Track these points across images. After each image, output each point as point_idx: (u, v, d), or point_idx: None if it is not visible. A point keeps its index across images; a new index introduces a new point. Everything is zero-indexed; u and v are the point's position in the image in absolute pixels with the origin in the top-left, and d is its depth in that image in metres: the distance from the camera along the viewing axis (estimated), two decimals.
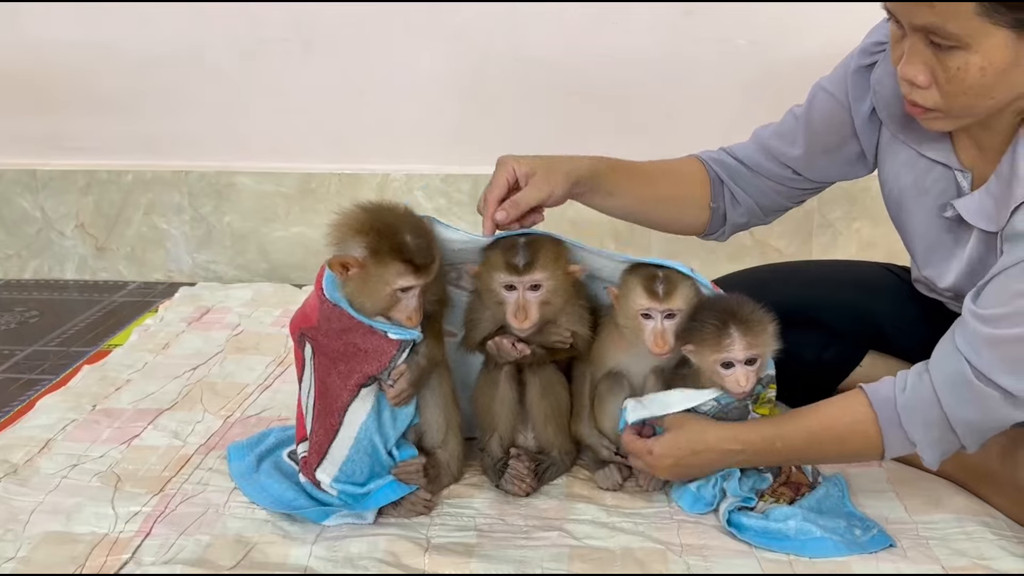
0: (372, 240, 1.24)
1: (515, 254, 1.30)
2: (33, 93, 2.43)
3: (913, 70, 1.15)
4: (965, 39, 1.09)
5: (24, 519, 1.32)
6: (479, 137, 2.36)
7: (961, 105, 1.16)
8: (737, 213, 1.54)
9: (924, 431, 1.21)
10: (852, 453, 1.31)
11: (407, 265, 1.24)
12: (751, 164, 1.52)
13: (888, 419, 1.22)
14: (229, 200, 2.42)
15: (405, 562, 1.23)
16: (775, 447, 1.28)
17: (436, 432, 1.39)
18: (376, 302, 1.26)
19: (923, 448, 1.22)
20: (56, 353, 2.00)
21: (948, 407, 1.18)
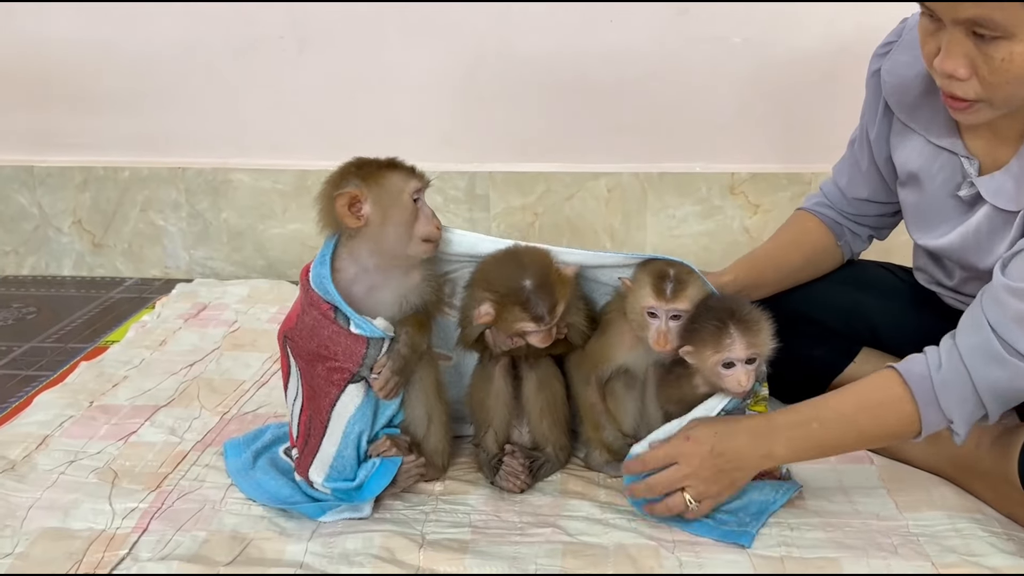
0: (364, 170, 1.29)
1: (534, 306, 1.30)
2: (30, 89, 2.43)
3: (953, 63, 1.15)
4: (1011, 29, 1.09)
5: (21, 515, 1.33)
6: (474, 135, 2.37)
7: (1004, 95, 1.17)
8: (858, 243, 1.64)
9: (960, 407, 1.20)
10: (889, 434, 1.28)
11: (405, 171, 1.31)
12: (842, 207, 1.61)
13: (924, 397, 1.21)
14: (226, 197, 2.43)
15: (400, 558, 1.24)
16: (810, 431, 1.26)
17: (419, 425, 1.41)
18: (402, 222, 1.28)
19: (958, 424, 1.22)
20: (53, 349, 2.01)
21: (977, 378, 1.18)
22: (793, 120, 2.29)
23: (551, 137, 2.36)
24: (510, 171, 2.36)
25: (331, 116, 2.38)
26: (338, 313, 1.29)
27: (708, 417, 1.29)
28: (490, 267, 1.35)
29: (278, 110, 2.39)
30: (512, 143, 2.38)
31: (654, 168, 2.33)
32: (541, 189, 2.36)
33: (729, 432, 1.26)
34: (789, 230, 1.65)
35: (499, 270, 1.33)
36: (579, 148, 2.36)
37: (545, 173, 2.36)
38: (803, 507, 1.34)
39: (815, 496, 1.37)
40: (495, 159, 2.38)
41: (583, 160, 2.36)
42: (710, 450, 1.25)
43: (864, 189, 1.56)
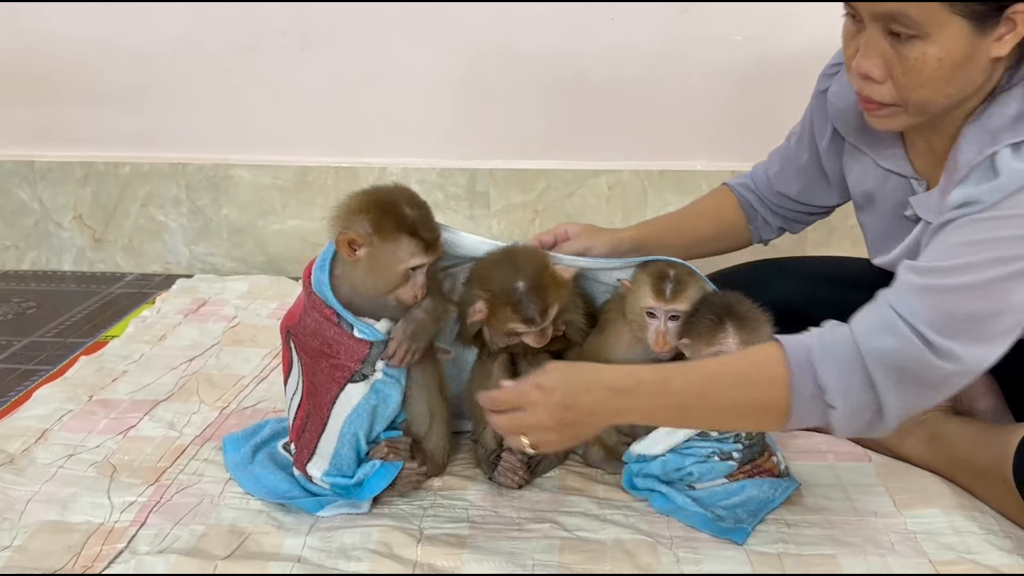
0: (373, 215, 1.25)
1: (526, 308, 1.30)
2: (31, 85, 2.43)
3: (869, 63, 1.17)
4: (925, 27, 1.11)
5: (20, 508, 1.33)
6: (475, 131, 2.37)
7: (917, 99, 1.18)
8: (768, 231, 1.67)
9: (837, 377, 1.10)
10: (755, 400, 1.15)
11: (416, 241, 1.25)
12: (765, 193, 1.63)
13: (799, 359, 1.11)
14: (226, 193, 2.43)
15: (398, 553, 1.24)
16: (671, 387, 1.15)
17: (421, 423, 1.40)
18: (384, 281, 1.27)
19: (833, 396, 1.11)
20: (53, 344, 2.01)
21: (864, 346, 1.10)
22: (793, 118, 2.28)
23: (552, 134, 2.36)
24: (511, 168, 2.36)
25: (332, 113, 2.38)
26: (340, 318, 1.29)
27: (567, 364, 1.23)
28: (486, 266, 1.35)
29: (279, 106, 2.39)
30: (513, 140, 2.38)
31: (655, 165, 2.33)
32: (542, 186, 2.36)
33: (584, 384, 1.14)
34: (704, 202, 1.69)
35: (494, 270, 1.34)
36: (580, 145, 2.36)
37: (546, 170, 2.36)
38: (801, 504, 1.34)
39: (813, 493, 1.37)
40: (496, 156, 2.38)
41: (584, 157, 2.36)
42: (559, 401, 1.13)
43: (793, 186, 1.58)
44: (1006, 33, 1.12)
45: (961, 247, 1.12)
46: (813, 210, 1.62)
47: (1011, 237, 1.10)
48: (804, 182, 1.57)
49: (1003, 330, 1.13)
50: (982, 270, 1.10)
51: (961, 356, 1.11)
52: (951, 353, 1.10)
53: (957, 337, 1.11)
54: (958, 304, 1.11)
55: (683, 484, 1.35)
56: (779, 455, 1.40)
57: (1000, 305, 1.11)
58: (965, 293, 1.11)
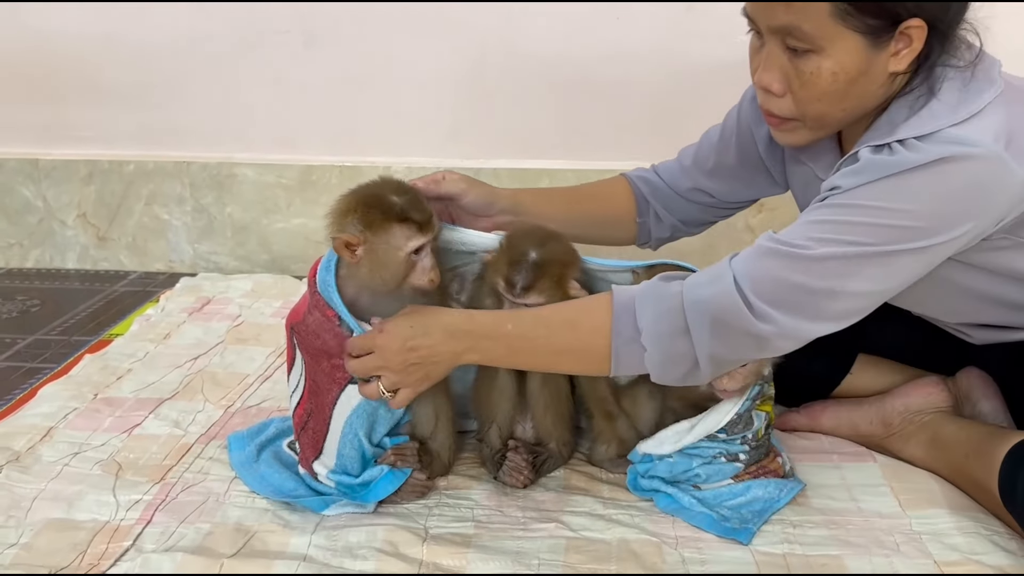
0: (363, 212, 1.25)
1: (518, 271, 1.30)
2: (35, 83, 2.43)
3: (768, 76, 1.19)
4: (819, 41, 1.12)
5: (26, 506, 1.34)
6: (479, 130, 2.37)
7: (814, 113, 1.19)
8: (660, 229, 1.62)
9: (653, 320, 1.17)
10: (578, 343, 1.23)
11: (410, 225, 1.24)
12: (673, 186, 1.59)
13: (622, 304, 1.20)
14: (230, 191, 2.43)
15: (403, 551, 1.24)
16: (504, 330, 1.24)
17: (426, 423, 1.40)
18: (391, 272, 1.26)
19: (647, 338, 1.18)
20: (57, 342, 2.01)
21: (688, 301, 1.16)
22: None
23: (555, 134, 2.36)
24: (515, 167, 2.36)
25: (336, 111, 2.39)
26: (342, 321, 1.29)
27: (413, 308, 1.27)
28: (526, 226, 1.38)
29: (284, 105, 2.39)
30: (517, 140, 2.38)
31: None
32: (545, 185, 2.36)
33: (424, 328, 1.23)
34: (596, 186, 1.66)
35: (533, 230, 1.35)
36: (584, 145, 2.36)
37: (549, 170, 2.36)
38: (806, 504, 1.34)
39: (818, 494, 1.37)
40: (500, 155, 2.38)
41: (588, 157, 2.35)
42: (402, 344, 1.22)
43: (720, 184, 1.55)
44: (903, 49, 1.14)
45: (812, 224, 1.16)
46: (728, 206, 1.59)
47: (858, 223, 1.13)
48: (729, 178, 1.54)
49: (837, 312, 1.17)
50: (822, 246, 1.13)
51: (778, 321, 1.15)
52: (768, 316, 1.14)
53: (779, 305, 1.15)
54: (789, 273, 1.14)
55: (688, 485, 1.35)
56: (784, 456, 1.41)
57: (833, 285, 1.14)
58: (799, 264, 1.14)
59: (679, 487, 1.35)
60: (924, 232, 1.13)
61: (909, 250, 1.13)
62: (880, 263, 1.14)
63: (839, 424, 1.51)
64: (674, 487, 1.35)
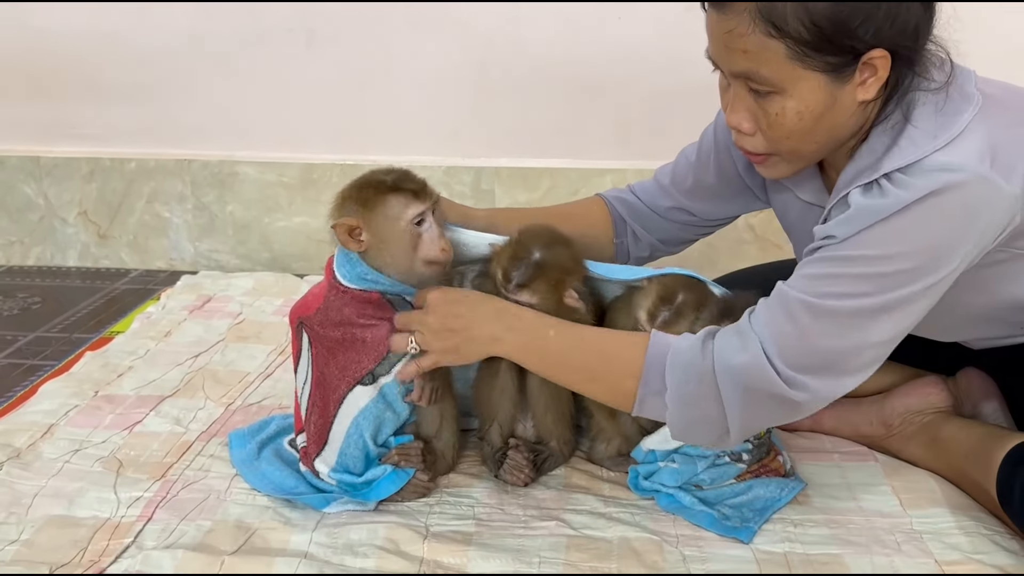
0: (357, 194, 1.26)
1: (517, 267, 1.31)
2: (37, 81, 2.43)
3: (737, 117, 1.19)
4: (780, 84, 1.12)
5: (27, 503, 1.34)
6: (481, 129, 2.38)
7: (787, 149, 1.20)
8: (639, 248, 1.61)
9: (679, 383, 1.17)
10: (608, 377, 1.24)
11: (404, 194, 1.25)
12: (651, 205, 1.58)
13: (655, 354, 1.19)
14: (232, 189, 2.43)
15: (404, 549, 1.24)
16: (546, 333, 1.24)
17: (431, 423, 1.40)
18: (399, 248, 1.26)
19: (672, 400, 1.17)
20: (58, 339, 2.01)
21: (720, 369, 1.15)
22: None
23: (557, 133, 2.36)
24: (516, 167, 2.36)
25: (338, 110, 2.39)
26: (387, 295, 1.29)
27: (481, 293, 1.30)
28: (540, 224, 1.38)
29: (285, 103, 2.39)
30: (518, 138, 2.38)
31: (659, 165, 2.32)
32: (547, 185, 2.36)
33: (476, 300, 1.27)
34: (572, 207, 1.65)
35: (545, 230, 1.36)
36: (585, 144, 2.36)
37: (551, 169, 2.36)
38: (807, 503, 1.35)
39: (819, 493, 1.37)
40: (501, 154, 2.38)
41: (589, 156, 2.36)
42: (449, 307, 1.25)
43: (700, 203, 1.54)
44: (868, 78, 1.13)
45: (819, 279, 1.15)
46: (709, 224, 1.58)
47: (862, 275, 1.13)
48: (710, 197, 1.53)
49: (863, 364, 1.17)
50: (836, 301, 1.13)
51: (810, 386, 1.15)
52: (799, 383, 1.14)
53: (808, 370, 1.14)
54: (812, 338, 1.14)
55: (690, 484, 1.35)
56: (785, 455, 1.41)
57: (856, 342, 1.14)
58: (818, 326, 1.13)
59: (680, 486, 1.35)
60: (928, 269, 1.13)
61: (918, 290, 1.13)
62: (891, 310, 1.13)
63: (839, 424, 1.51)
64: (675, 487, 1.35)
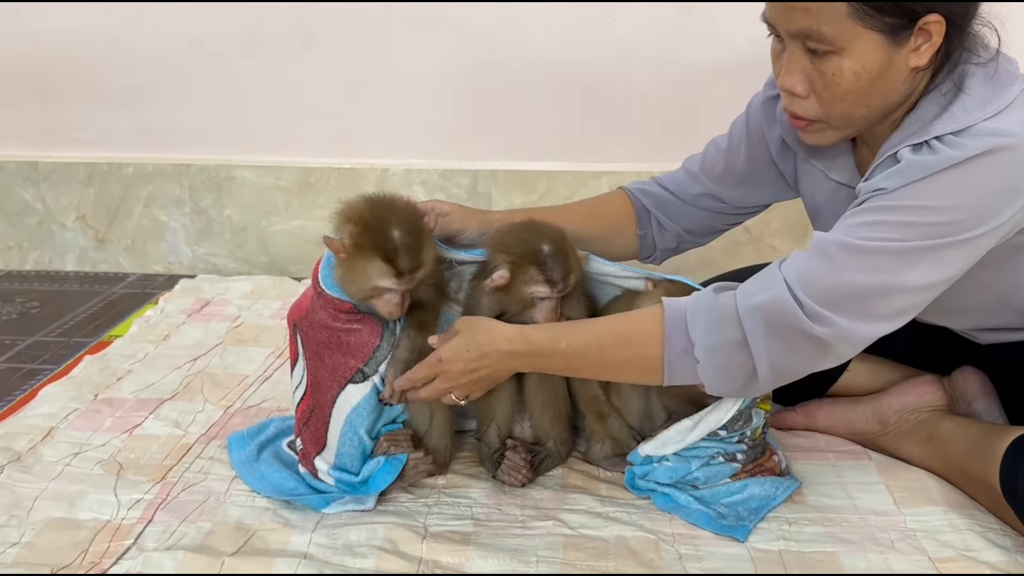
0: (356, 229, 1.25)
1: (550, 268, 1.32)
2: (35, 85, 2.44)
3: (791, 80, 1.20)
4: (839, 43, 1.14)
5: (28, 505, 1.35)
6: (478, 132, 2.39)
7: (839, 113, 1.21)
8: (665, 239, 1.62)
9: (705, 332, 1.18)
10: (633, 357, 1.25)
11: (387, 266, 1.25)
12: (680, 194, 1.59)
13: (674, 315, 1.20)
14: (229, 193, 2.44)
15: (403, 549, 1.25)
16: (559, 347, 1.26)
17: (421, 421, 1.41)
18: (358, 290, 1.28)
19: (699, 351, 1.19)
20: (57, 343, 2.02)
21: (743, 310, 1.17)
22: None
23: (554, 135, 2.37)
24: (513, 169, 2.38)
25: (335, 113, 2.40)
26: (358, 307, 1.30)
27: (466, 325, 1.29)
28: (507, 233, 1.38)
29: (282, 107, 2.40)
30: (515, 141, 2.39)
31: (656, 167, 2.33)
32: (543, 187, 2.37)
33: (480, 349, 1.26)
34: (594, 202, 1.66)
35: (516, 235, 1.36)
36: (581, 147, 2.37)
37: (547, 171, 2.37)
38: (802, 502, 1.36)
39: (814, 492, 1.38)
40: (498, 157, 2.39)
41: (585, 159, 2.37)
42: (464, 368, 1.27)
43: (730, 190, 1.56)
44: (922, 44, 1.15)
45: (857, 226, 1.17)
46: (741, 212, 1.60)
47: (903, 222, 1.15)
48: (740, 184, 1.55)
49: (891, 311, 1.17)
50: (869, 244, 1.15)
51: (835, 323, 1.15)
52: (823, 318, 1.15)
53: (833, 306, 1.15)
54: (840, 273, 1.15)
55: (686, 483, 1.36)
56: (780, 454, 1.42)
57: (884, 282, 1.15)
58: (848, 262, 1.15)
59: (676, 486, 1.36)
60: (968, 224, 1.14)
61: (955, 242, 1.15)
62: (927, 258, 1.15)
63: (835, 423, 1.52)
64: (671, 487, 1.36)
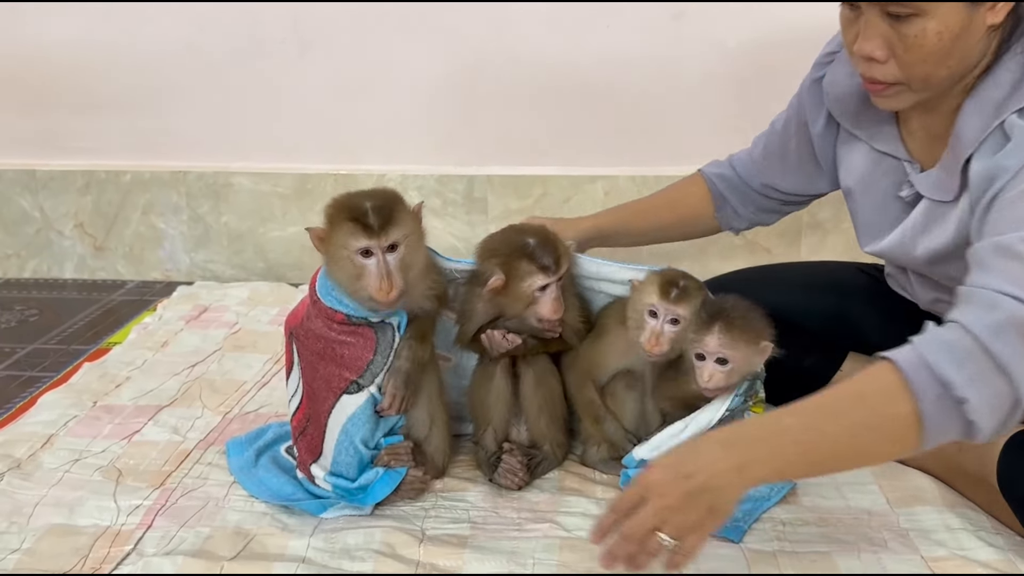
0: (330, 209, 1.28)
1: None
2: (32, 93, 2.45)
3: (870, 45, 1.21)
4: (922, 5, 1.15)
5: (28, 512, 1.36)
6: (473, 138, 2.40)
7: (920, 74, 1.22)
8: (739, 221, 1.71)
9: (957, 367, 1.01)
10: (876, 418, 1.03)
11: (355, 224, 1.23)
12: (747, 179, 1.66)
13: (909, 362, 1.02)
14: (226, 200, 2.45)
15: (400, 553, 1.26)
16: (782, 424, 1.05)
17: (421, 427, 1.42)
18: (344, 273, 1.26)
19: (961, 388, 1.00)
20: (56, 351, 2.03)
21: (983, 335, 1.02)
22: None
23: (548, 141, 2.39)
24: (508, 174, 2.39)
25: (332, 120, 2.41)
26: (351, 317, 1.31)
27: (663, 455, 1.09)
28: (491, 240, 1.43)
29: (279, 114, 2.41)
30: (510, 146, 2.40)
31: (650, 171, 2.35)
32: (538, 192, 2.38)
33: (693, 450, 1.06)
34: (672, 190, 1.75)
35: (500, 239, 1.42)
36: (576, 151, 2.39)
37: (542, 176, 2.38)
38: (797, 503, 1.37)
39: (808, 493, 1.39)
40: (493, 162, 2.40)
41: (580, 163, 2.38)
42: (675, 474, 1.02)
43: (779, 175, 1.61)
44: (999, 1, 1.17)
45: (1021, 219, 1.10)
46: (794, 199, 1.65)
47: None
48: (791, 170, 1.59)
49: None
50: None
51: None
52: None
53: None
54: None
55: None
56: None
57: None
58: None
59: None
60: None
61: None
62: None
63: None
64: None
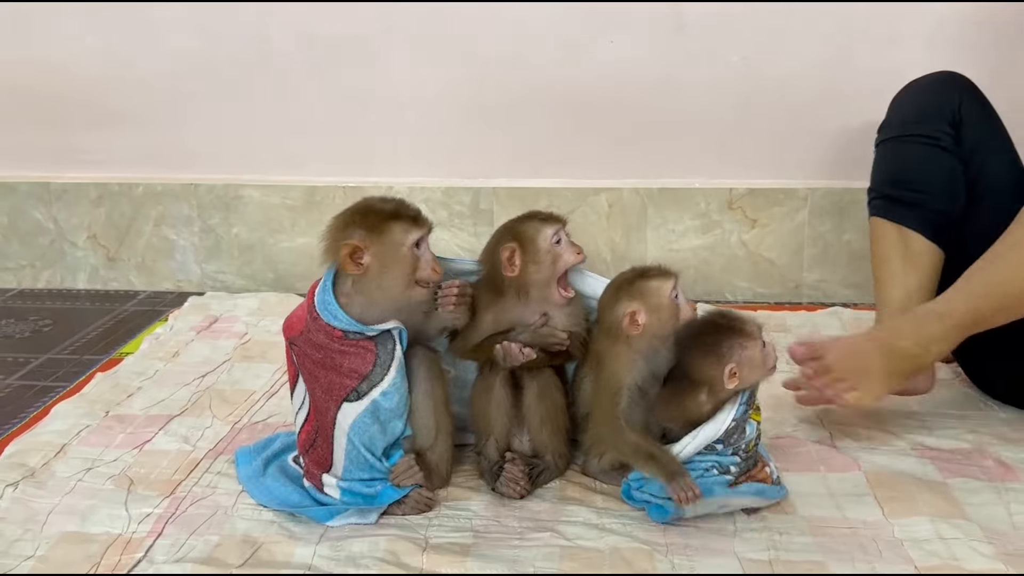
0: (361, 219, 1.34)
1: None
2: (47, 107, 2.49)
3: None
4: None
5: (42, 520, 1.38)
6: (479, 150, 2.43)
7: None
8: None
9: None
10: None
11: (404, 220, 1.35)
12: None
13: None
14: (237, 212, 2.49)
15: (404, 561, 1.28)
16: None
17: (426, 435, 1.44)
18: (403, 269, 1.34)
19: None
20: (69, 361, 2.06)
21: None
22: (788, 137, 2.34)
23: (554, 153, 2.41)
24: (514, 187, 2.42)
25: (340, 133, 2.44)
26: (348, 333, 1.33)
27: None
28: (496, 233, 1.51)
29: (288, 127, 2.45)
30: (516, 159, 2.43)
31: (654, 183, 2.38)
32: (544, 204, 2.39)
33: None
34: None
35: (504, 227, 1.50)
36: (581, 164, 2.41)
37: (548, 188, 2.41)
38: (792, 512, 1.39)
39: (804, 502, 1.41)
40: (499, 175, 2.43)
41: (585, 176, 2.41)
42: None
43: None
44: None
45: None
46: None
47: None
48: None
49: None
50: None
51: None
52: None
53: None
54: None
55: None
56: (772, 465, 1.45)
57: None
58: None
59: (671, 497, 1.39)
60: None
61: None
62: None
63: None
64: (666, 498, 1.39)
